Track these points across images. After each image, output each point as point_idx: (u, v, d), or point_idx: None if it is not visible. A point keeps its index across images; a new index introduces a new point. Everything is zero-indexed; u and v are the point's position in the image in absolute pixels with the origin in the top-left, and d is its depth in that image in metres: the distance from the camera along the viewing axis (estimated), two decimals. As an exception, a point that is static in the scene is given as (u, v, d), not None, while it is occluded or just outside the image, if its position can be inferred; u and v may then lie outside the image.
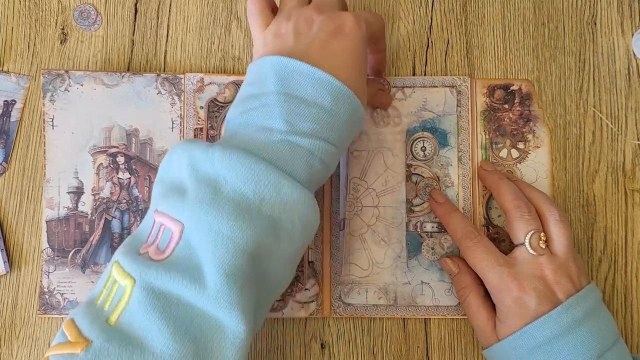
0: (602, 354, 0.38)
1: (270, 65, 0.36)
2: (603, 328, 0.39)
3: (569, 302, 0.39)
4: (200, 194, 0.32)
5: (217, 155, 0.33)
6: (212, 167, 0.33)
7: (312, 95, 0.35)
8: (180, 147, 0.35)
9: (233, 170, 0.33)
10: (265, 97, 0.35)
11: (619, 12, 0.49)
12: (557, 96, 0.49)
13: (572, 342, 0.38)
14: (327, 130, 0.36)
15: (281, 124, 0.35)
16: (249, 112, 0.36)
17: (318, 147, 0.35)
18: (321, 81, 0.35)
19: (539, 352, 0.38)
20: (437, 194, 0.46)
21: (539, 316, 0.38)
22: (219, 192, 0.32)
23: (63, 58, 0.48)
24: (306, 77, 0.35)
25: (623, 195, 0.48)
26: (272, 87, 0.35)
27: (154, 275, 0.32)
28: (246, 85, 0.38)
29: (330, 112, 0.35)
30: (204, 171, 0.33)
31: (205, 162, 0.33)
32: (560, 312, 0.38)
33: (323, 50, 0.36)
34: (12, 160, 0.47)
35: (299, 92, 0.35)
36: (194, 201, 0.32)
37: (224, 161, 0.33)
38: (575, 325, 0.38)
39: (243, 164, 0.33)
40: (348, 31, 0.37)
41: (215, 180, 0.33)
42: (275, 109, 0.35)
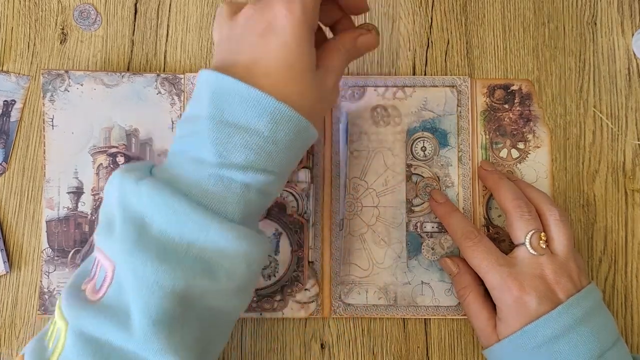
0: (602, 354, 0.38)
1: (205, 82, 0.33)
2: (603, 328, 0.39)
3: (569, 302, 0.39)
4: (125, 233, 0.31)
5: (144, 192, 0.31)
6: (140, 203, 0.31)
7: (247, 119, 0.32)
8: (116, 177, 0.33)
9: (158, 211, 0.31)
10: (199, 123, 0.32)
11: (619, 12, 0.49)
12: (557, 96, 0.49)
13: (572, 342, 0.38)
14: (265, 160, 0.32)
15: (212, 156, 0.32)
16: (184, 139, 0.33)
17: (254, 179, 0.32)
18: (255, 102, 0.31)
19: (539, 352, 0.38)
20: (437, 194, 0.46)
21: (539, 316, 0.38)
22: (145, 232, 0.31)
23: (63, 58, 0.48)
24: (239, 97, 0.31)
25: (623, 195, 0.48)
26: (205, 109, 0.32)
27: (85, 321, 0.31)
28: (190, 101, 0.35)
29: (267, 138, 0.32)
30: (132, 208, 0.32)
31: (134, 197, 0.32)
32: (560, 312, 0.38)
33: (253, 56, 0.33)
34: (12, 160, 0.47)
35: (232, 116, 0.32)
36: (120, 240, 0.31)
37: (150, 199, 0.31)
38: (575, 325, 0.38)
39: (168, 205, 0.31)
40: (278, 27, 0.32)
41: (141, 219, 0.31)
42: (206, 137, 0.32)
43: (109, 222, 0.33)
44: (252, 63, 0.33)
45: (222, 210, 0.32)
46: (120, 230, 0.31)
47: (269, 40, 0.33)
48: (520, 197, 0.42)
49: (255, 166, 0.32)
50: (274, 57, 0.32)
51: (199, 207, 0.31)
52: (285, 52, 0.32)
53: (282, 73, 0.32)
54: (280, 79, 0.32)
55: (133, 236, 0.31)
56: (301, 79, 0.33)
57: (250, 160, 0.32)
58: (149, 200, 0.31)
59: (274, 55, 0.32)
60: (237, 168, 0.32)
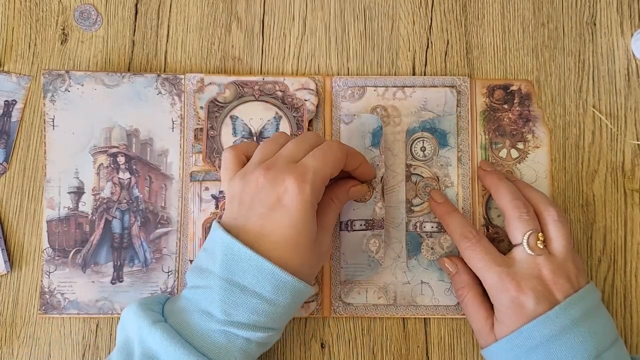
0: (600, 354, 0.38)
1: (220, 243, 0.37)
2: (601, 328, 0.39)
3: (566, 302, 0.39)
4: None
5: (157, 336, 0.35)
6: (154, 344, 0.35)
7: (253, 284, 0.36)
8: (134, 311, 0.37)
9: (170, 357, 0.35)
10: (211, 279, 0.37)
11: (619, 13, 0.50)
12: (557, 96, 0.49)
13: (570, 342, 0.38)
14: (267, 320, 0.37)
15: (219, 313, 0.36)
16: (197, 290, 0.37)
17: (255, 335, 0.36)
18: (262, 270, 0.36)
19: (536, 352, 0.38)
20: (436, 194, 0.46)
21: (536, 316, 0.39)
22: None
23: (63, 58, 0.49)
24: (248, 264, 0.36)
25: (622, 195, 0.48)
26: (217, 269, 0.36)
27: None
28: (203, 251, 0.39)
29: (270, 302, 0.36)
30: (148, 346, 0.35)
31: (149, 337, 0.35)
32: (558, 313, 0.38)
33: (262, 227, 0.37)
34: (13, 160, 0.47)
35: (241, 279, 0.36)
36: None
37: (162, 346, 0.35)
38: (573, 326, 0.38)
39: (178, 355, 0.34)
40: (287, 202, 0.37)
41: (157, 358, 0.35)
42: (216, 295, 0.36)
43: (126, 348, 0.37)
44: (261, 233, 0.37)
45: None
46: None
47: (278, 216, 0.37)
48: (519, 197, 0.43)
49: (257, 325, 0.36)
50: (281, 232, 0.36)
51: (204, 358, 0.35)
52: (292, 229, 0.37)
53: (288, 247, 0.37)
54: (286, 252, 0.37)
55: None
56: (304, 251, 0.37)
57: (253, 320, 0.36)
58: (162, 346, 0.35)
59: (282, 231, 0.36)
60: (241, 326, 0.36)
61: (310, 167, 0.37)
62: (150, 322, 0.36)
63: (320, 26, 0.49)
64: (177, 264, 0.46)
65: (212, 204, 0.46)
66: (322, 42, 0.49)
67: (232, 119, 0.47)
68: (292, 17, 0.49)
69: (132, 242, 0.46)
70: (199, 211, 0.46)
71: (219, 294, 0.36)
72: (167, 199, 0.47)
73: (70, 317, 0.46)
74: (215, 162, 0.47)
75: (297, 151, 0.39)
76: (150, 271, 0.46)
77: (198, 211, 0.46)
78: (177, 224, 0.47)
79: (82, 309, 0.45)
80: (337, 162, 0.39)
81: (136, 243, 0.46)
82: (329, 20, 0.49)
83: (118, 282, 0.46)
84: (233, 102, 0.47)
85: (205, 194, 0.47)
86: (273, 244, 0.36)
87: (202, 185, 0.47)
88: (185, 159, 0.47)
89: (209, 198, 0.47)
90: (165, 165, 0.47)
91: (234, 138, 0.47)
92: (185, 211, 0.47)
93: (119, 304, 0.46)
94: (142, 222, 0.46)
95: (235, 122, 0.47)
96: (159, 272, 0.46)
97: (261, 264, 0.36)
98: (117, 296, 0.46)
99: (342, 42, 0.49)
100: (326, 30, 0.49)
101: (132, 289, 0.46)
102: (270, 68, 0.49)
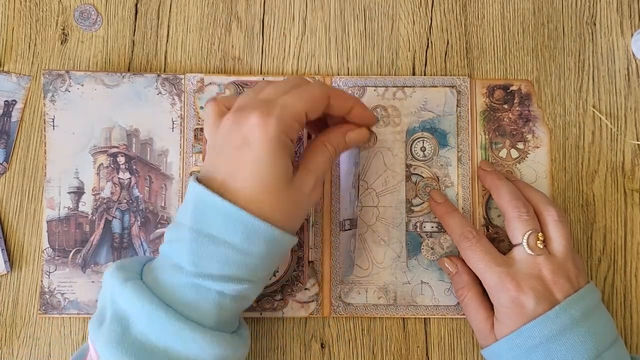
0: (600, 354, 0.38)
1: (192, 193, 0.35)
2: (601, 328, 0.39)
3: (566, 302, 0.39)
4: (111, 328, 0.33)
5: (127, 294, 0.34)
6: (125, 303, 0.34)
7: (222, 232, 0.33)
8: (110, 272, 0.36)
9: (138, 314, 0.33)
10: (182, 231, 0.35)
11: (619, 13, 0.50)
12: (557, 96, 0.49)
13: (569, 342, 0.38)
14: (239, 270, 0.34)
15: (189, 265, 0.34)
16: (170, 244, 0.36)
17: (228, 288, 0.34)
18: (230, 216, 0.33)
19: (536, 352, 0.38)
20: (436, 194, 0.46)
21: (536, 316, 0.39)
22: (128, 331, 0.33)
23: (64, 58, 0.49)
24: (216, 212, 0.34)
25: (622, 195, 0.48)
26: (187, 219, 0.34)
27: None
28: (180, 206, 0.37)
29: (242, 251, 0.34)
30: (119, 306, 0.34)
31: (120, 297, 0.34)
32: (558, 312, 0.38)
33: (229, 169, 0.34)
34: (13, 160, 0.47)
35: (209, 229, 0.34)
36: (105, 335, 0.33)
37: (132, 304, 0.33)
38: (573, 326, 0.38)
39: (146, 311, 0.33)
40: (251, 138, 0.34)
41: (126, 319, 0.34)
42: (185, 247, 0.34)
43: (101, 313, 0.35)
44: (229, 176, 0.34)
45: (196, 317, 0.34)
46: (108, 324, 0.34)
47: (243, 154, 0.34)
48: (519, 197, 0.43)
49: (229, 276, 0.34)
50: (248, 172, 0.34)
51: (173, 314, 0.33)
52: (258, 167, 0.34)
53: (256, 187, 0.34)
54: (254, 193, 0.34)
55: (118, 333, 0.33)
56: (275, 191, 0.34)
57: (225, 271, 0.34)
58: (130, 304, 0.33)
59: (248, 170, 0.34)
60: (212, 278, 0.34)
61: (279, 102, 0.34)
62: (122, 281, 0.34)
63: (320, 26, 0.49)
64: (177, 264, 0.46)
65: (212, 204, 0.46)
66: (322, 42, 0.49)
67: (232, 119, 0.47)
68: (292, 17, 0.49)
69: (132, 242, 0.46)
70: (199, 211, 0.46)
71: (187, 245, 0.34)
72: (167, 199, 0.47)
73: (70, 317, 0.46)
74: (215, 162, 0.47)
75: (273, 93, 0.36)
76: (150, 271, 0.46)
77: (198, 211, 0.46)
78: (177, 224, 0.47)
79: (82, 309, 0.45)
80: (313, 100, 0.36)
81: (136, 243, 0.46)
82: (329, 20, 0.49)
83: (118, 282, 0.46)
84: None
85: (205, 194, 0.47)
86: (241, 186, 0.34)
87: (202, 185, 0.47)
88: (185, 159, 0.47)
89: (209, 198, 0.47)
90: (165, 165, 0.47)
91: (234, 138, 0.47)
92: (185, 211, 0.47)
93: (119, 304, 0.46)
94: (142, 222, 0.46)
95: (235, 122, 0.47)
96: (159, 272, 0.46)
97: (229, 210, 0.33)
98: (117, 296, 0.46)
99: (342, 42, 0.49)
100: (326, 30, 0.49)
101: (132, 289, 0.46)
102: (270, 68, 0.49)
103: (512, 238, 0.42)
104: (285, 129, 0.34)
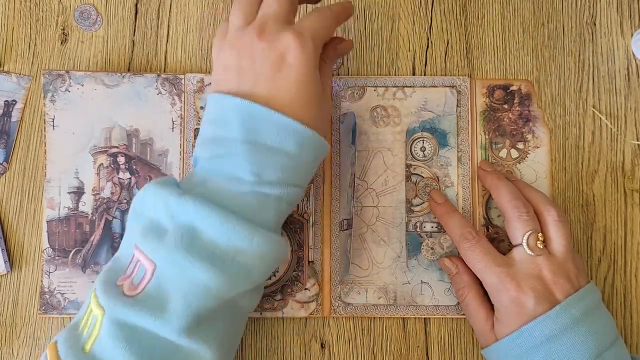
0: (600, 354, 0.38)
1: (233, 108, 0.36)
2: (602, 328, 0.39)
3: (567, 302, 0.39)
4: (177, 239, 0.34)
5: (189, 205, 0.34)
6: (187, 215, 0.34)
7: (277, 141, 0.36)
8: (154, 190, 0.36)
9: (206, 223, 0.34)
10: (232, 145, 0.36)
11: (619, 13, 0.50)
12: (557, 96, 0.49)
13: (570, 342, 0.38)
14: (293, 176, 0.37)
15: (249, 175, 0.36)
16: (217, 159, 0.37)
17: (285, 193, 0.37)
18: (285, 127, 0.36)
19: (537, 352, 0.38)
20: (436, 194, 0.46)
21: (536, 316, 0.39)
22: (197, 239, 0.34)
23: (64, 58, 0.49)
24: (270, 123, 0.36)
25: (622, 195, 0.48)
26: (236, 133, 0.36)
27: (122, 309, 0.33)
28: (209, 124, 0.38)
29: (295, 158, 0.36)
30: (181, 217, 0.35)
31: (180, 209, 0.35)
32: (558, 312, 0.38)
33: (271, 89, 0.36)
34: (13, 160, 0.47)
35: (263, 139, 0.36)
36: (172, 245, 0.34)
37: (198, 213, 0.34)
38: (573, 325, 0.38)
39: (215, 219, 0.34)
40: (292, 60, 0.36)
41: (192, 228, 0.34)
42: (242, 159, 0.36)
43: (155, 228, 0.35)
44: (271, 95, 0.36)
45: (261, 221, 0.36)
46: (172, 236, 0.34)
47: (284, 75, 0.36)
48: (519, 197, 0.43)
49: (286, 182, 0.36)
50: (291, 90, 0.36)
51: (243, 219, 0.35)
52: (301, 85, 0.37)
53: (300, 103, 0.37)
54: (298, 109, 0.36)
55: (186, 242, 0.34)
56: (315, 105, 0.37)
57: (282, 178, 0.36)
58: (196, 213, 0.34)
59: (291, 89, 0.36)
60: (272, 185, 0.36)
61: (308, 26, 0.37)
62: (177, 194, 0.35)
63: (320, 26, 0.49)
64: (177, 264, 0.46)
65: (212, 204, 0.46)
66: (322, 42, 0.49)
67: (232, 119, 0.47)
68: (292, 17, 0.49)
69: (132, 242, 0.46)
70: (199, 211, 0.46)
71: (245, 157, 0.35)
72: (167, 199, 0.47)
73: (70, 317, 0.46)
74: (215, 162, 0.47)
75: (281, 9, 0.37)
76: (150, 271, 0.46)
77: (198, 211, 0.46)
78: (177, 224, 0.47)
79: (82, 309, 0.45)
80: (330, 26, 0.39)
81: (136, 243, 0.46)
82: (329, 20, 0.49)
83: (118, 282, 0.46)
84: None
85: (205, 194, 0.47)
86: (286, 102, 0.36)
87: (202, 185, 0.47)
88: (185, 159, 0.47)
89: (209, 198, 0.47)
90: (165, 166, 0.47)
91: (234, 138, 0.47)
92: (185, 211, 0.47)
93: (119, 304, 0.46)
94: (142, 222, 0.47)
95: (235, 122, 0.47)
96: (159, 272, 0.46)
97: (283, 121, 0.35)
98: (117, 296, 0.46)
99: (342, 42, 0.49)
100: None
101: (132, 289, 0.46)
102: (270, 68, 0.49)
103: (512, 238, 0.42)
104: (318, 46, 0.38)
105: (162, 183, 0.37)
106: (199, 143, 0.38)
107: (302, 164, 0.37)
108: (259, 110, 0.35)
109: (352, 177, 0.44)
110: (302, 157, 0.37)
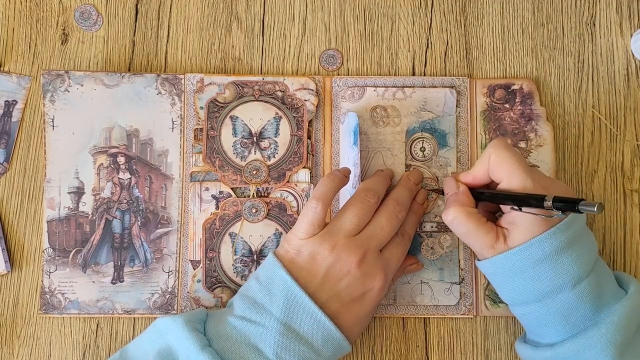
0: (595, 262, 0.40)
1: (284, 286, 0.40)
2: (593, 240, 0.41)
3: (569, 219, 0.39)
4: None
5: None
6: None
7: (308, 332, 0.39)
8: (180, 330, 0.39)
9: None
10: (267, 318, 0.39)
11: (618, 13, 0.50)
12: (556, 97, 0.49)
13: (575, 254, 0.39)
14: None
15: (271, 354, 0.38)
16: (248, 323, 0.39)
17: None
18: (319, 323, 0.39)
19: (543, 265, 0.38)
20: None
21: (550, 227, 0.38)
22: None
23: (64, 58, 0.49)
24: (309, 316, 0.39)
25: (622, 196, 0.48)
26: (277, 311, 0.39)
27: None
28: (255, 281, 0.41)
29: (317, 352, 0.39)
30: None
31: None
32: (568, 224, 0.39)
33: (340, 308, 0.40)
34: (13, 160, 0.47)
35: (298, 327, 0.39)
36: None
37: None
38: (577, 239, 0.39)
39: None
40: (370, 298, 0.41)
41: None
42: (271, 336, 0.39)
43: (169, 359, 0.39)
44: (335, 311, 0.40)
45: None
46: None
47: (357, 308, 0.41)
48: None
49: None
50: (354, 314, 0.41)
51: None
52: (364, 315, 0.41)
53: (356, 326, 0.41)
54: (351, 321, 0.41)
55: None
56: (363, 321, 0.42)
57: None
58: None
59: (355, 314, 0.41)
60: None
61: (393, 265, 0.42)
62: (199, 348, 0.38)
63: (320, 26, 0.49)
64: (177, 264, 0.46)
65: (213, 204, 0.47)
66: (322, 42, 0.49)
67: (232, 119, 0.47)
68: (292, 18, 0.49)
69: (133, 242, 0.46)
70: (199, 211, 0.47)
71: (274, 336, 0.38)
72: (167, 199, 0.47)
73: (70, 317, 0.46)
74: (215, 163, 0.47)
75: (386, 235, 0.42)
76: (150, 271, 0.46)
77: (198, 211, 0.47)
78: (177, 224, 0.47)
79: (82, 308, 0.46)
80: (403, 259, 0.44)
81: (136, 243, 0.46)
82: (329, 20, 0.49)
83: (118, 282, 0.46)
84: (233, 102, 0.47)
85: (206, 194, 0.47)
86: (342, 319, 0.40)
87: (203, 186, 0.47)
88: (185, 159, 0.47)
89: (209, 198, 0.47)
90: (165, 166, 0.47)
91: (234, 138, 0.47)
92: (185, 211, 0.47)
93: (120, 304, 0.46)
94: (143, 222, 0.47)
95: (235, 123, 0.47)
96: (159, 272, 0.46)
97: (320, 318, 0.39)
98: (117, 296, 0.46)
99: (342, 42, 0.49)
100: (326, 30, 0.49)
101: (133, 289, 0.46)
102: (270, 68, 0.49)
103: None
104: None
105: (189, 324, 0.39)
106: (242, 292, 0.41)
107: (321, 357, 0.40)
108: (306, 302, 0.39)
109: (356, 179, 0.44)
110: (323, 353, 0.40)
